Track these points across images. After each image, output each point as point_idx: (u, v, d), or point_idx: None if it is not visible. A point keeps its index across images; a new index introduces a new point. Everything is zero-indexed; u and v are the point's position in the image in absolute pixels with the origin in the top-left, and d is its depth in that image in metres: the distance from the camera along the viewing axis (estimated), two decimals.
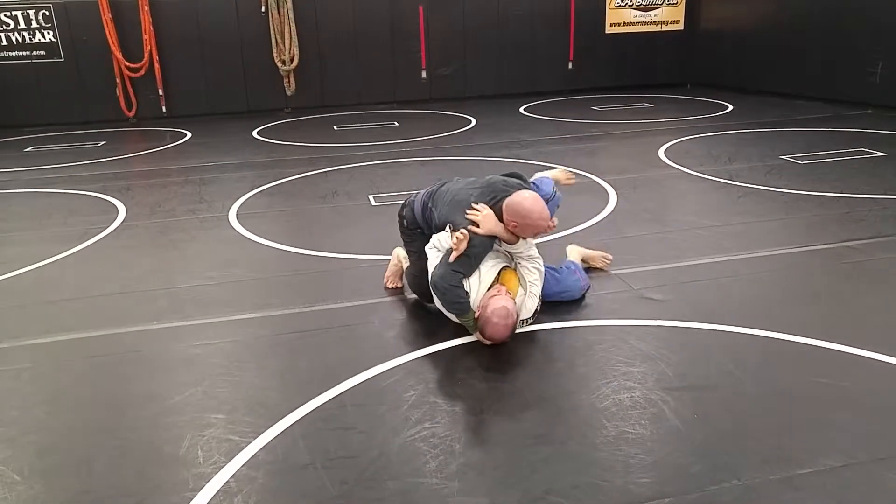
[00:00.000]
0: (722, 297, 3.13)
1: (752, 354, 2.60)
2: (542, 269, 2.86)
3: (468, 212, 2.71)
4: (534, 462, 2.01)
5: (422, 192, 3.07)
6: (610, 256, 3.45)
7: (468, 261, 2.67)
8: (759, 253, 3.65)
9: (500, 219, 2.71)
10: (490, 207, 2.72)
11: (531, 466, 1.99)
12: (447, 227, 2.77)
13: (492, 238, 2.72)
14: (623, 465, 1.98)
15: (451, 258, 2.64)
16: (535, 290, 2.80)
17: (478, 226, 2.67)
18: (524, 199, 2.68)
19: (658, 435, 2.12)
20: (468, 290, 2.67)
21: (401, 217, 3.12)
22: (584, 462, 2.00)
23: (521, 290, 2.76)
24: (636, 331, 2.82)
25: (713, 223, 4.18)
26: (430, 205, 2.94)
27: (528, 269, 2.80)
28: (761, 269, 3.45)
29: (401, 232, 3.16)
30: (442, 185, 3.01)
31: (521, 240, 2.77)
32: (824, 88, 8.62)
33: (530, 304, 2.78)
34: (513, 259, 2.84)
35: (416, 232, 3.04)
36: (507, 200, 2.70)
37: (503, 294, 2.65)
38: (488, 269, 2.75)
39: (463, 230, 2.64)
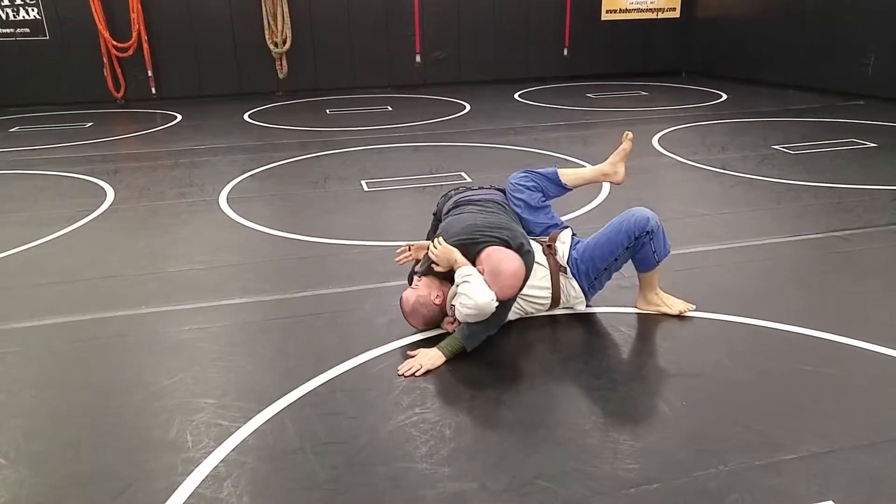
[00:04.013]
0: (712, 285, 3.14)
1: (740, 342, 2.62)
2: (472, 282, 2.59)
3: (430, 248, 2.63)
4: (524, 448, 2.02)
5: (462, 192, 2.98)
6: (692, 305, 2.88)
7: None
8: (750, 242, 3.67)
9: (469, 257, 2.56)
10: (460, 246, 2.56)
11: (521, 452, 2.00)
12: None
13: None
14: (612, 452, 1.99)
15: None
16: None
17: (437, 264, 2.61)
18: (502, 261, 2.47)
19: (647, 422, 2.13)
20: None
21: (438, 203, 3.09)
22: (573, 448, 2.01)
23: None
24: (627, 318, 2.84)
25: (705, 212, 4.19)
26: (451, 211, 2.90)
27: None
28: (751, 257, 3.47)
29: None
30: (469, 197, 2.90)
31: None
32: (817, 79, 8.64)
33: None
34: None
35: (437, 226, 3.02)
36: (490, 251, 2.52)
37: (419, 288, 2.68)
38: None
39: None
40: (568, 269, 2.79)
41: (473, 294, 2.39)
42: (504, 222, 2.67)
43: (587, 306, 2.87)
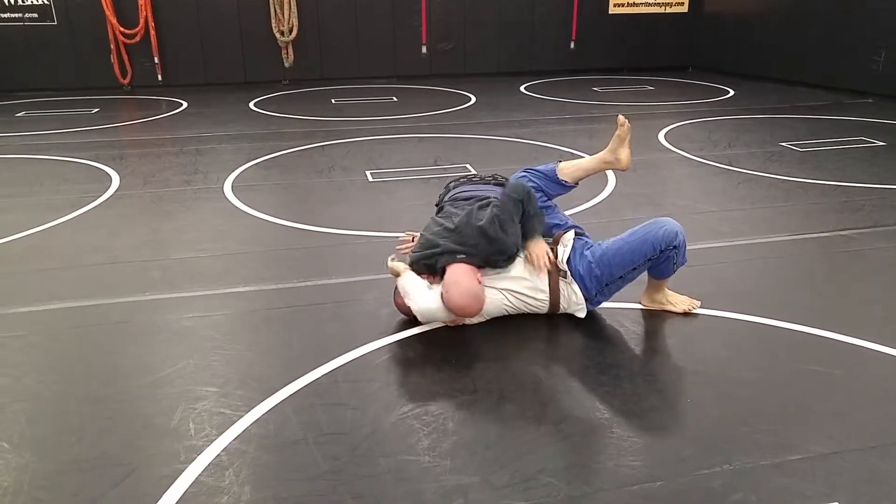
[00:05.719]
0: (717, 282, 3.12)
1: (745, 340, 2.60)
2: None
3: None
4: (526, 442, 2.01)
5: (461, 185, 2.96)
6: (697, 302, 2.85)
7: None
8: (756, 239, 3.64)
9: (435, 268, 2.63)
10: (426, 258, 2.62)
11: (524, 446, 1.99)
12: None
13: None
14: (615, 448, 1.98)
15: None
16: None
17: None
18: (451, 286, 2.51)
19: (651, 419, 2.12)
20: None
21: (440, 195, 3.07)
22: (576, 444, 2.01)
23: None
24: (632, 314, 2.82)
25: (711, 208, 4.17)
26: (443, 208, 2.90)
27: None
28: (757, 255, 3.44)
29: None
30: (464, 192, 2.88)
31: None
32: (826, 76, 8.57)
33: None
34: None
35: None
36: (449, 272, 2.56)
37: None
38: None
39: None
40: (568, 272, 2.69)
41: (416, 300, 2.57)
42: (472, 238, 2.60)
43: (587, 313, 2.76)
